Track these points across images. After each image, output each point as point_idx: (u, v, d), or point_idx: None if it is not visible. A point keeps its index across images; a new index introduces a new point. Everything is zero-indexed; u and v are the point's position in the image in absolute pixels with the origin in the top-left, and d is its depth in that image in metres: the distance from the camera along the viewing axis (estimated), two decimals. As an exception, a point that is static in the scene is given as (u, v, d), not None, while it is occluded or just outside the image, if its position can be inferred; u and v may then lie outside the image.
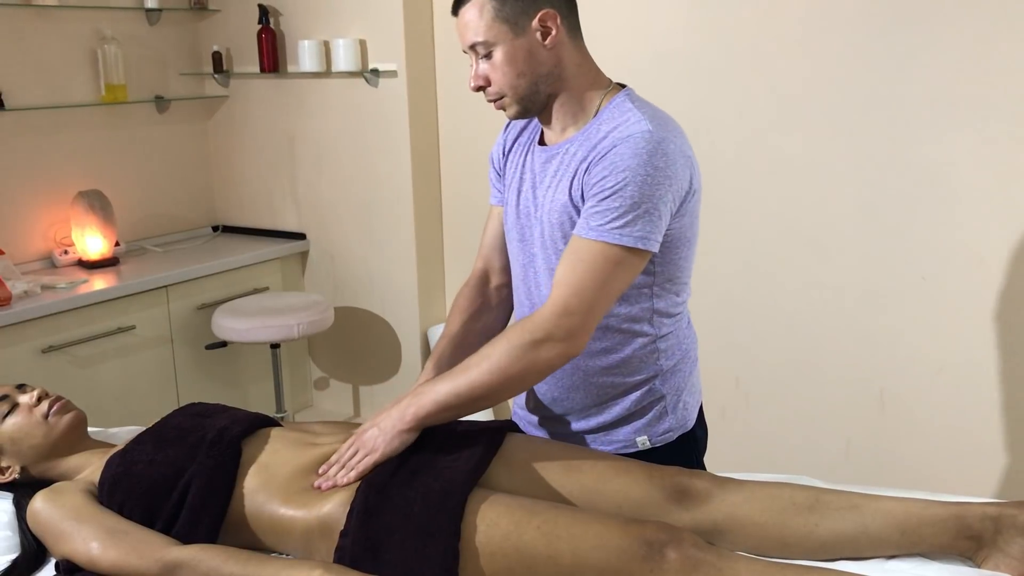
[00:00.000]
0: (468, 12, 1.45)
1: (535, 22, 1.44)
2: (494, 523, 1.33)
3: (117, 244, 3.34)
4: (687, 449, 1.63)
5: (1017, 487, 2.55)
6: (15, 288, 2.84)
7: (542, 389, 1.65)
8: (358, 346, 3.67)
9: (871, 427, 2.74)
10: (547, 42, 1.45)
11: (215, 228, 3.88)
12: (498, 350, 1.42)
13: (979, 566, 1.35)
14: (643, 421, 1.59)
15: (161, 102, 3.59)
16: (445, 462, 1.45)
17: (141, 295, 3.12)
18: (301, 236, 3.69)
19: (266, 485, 1.49)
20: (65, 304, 2.87)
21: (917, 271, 2.59)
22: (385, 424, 1.47)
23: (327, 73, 3.42)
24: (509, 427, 1.58)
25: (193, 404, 1.75)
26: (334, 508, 1.40)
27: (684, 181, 1.43)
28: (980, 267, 2.50)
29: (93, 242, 3.24)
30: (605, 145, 1.42)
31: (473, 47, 1.47)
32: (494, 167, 1.70)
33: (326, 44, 3.38)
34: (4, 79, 3.08)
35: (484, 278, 1.76)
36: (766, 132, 2.74)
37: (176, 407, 1.75)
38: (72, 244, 3.29)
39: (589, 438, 1.62)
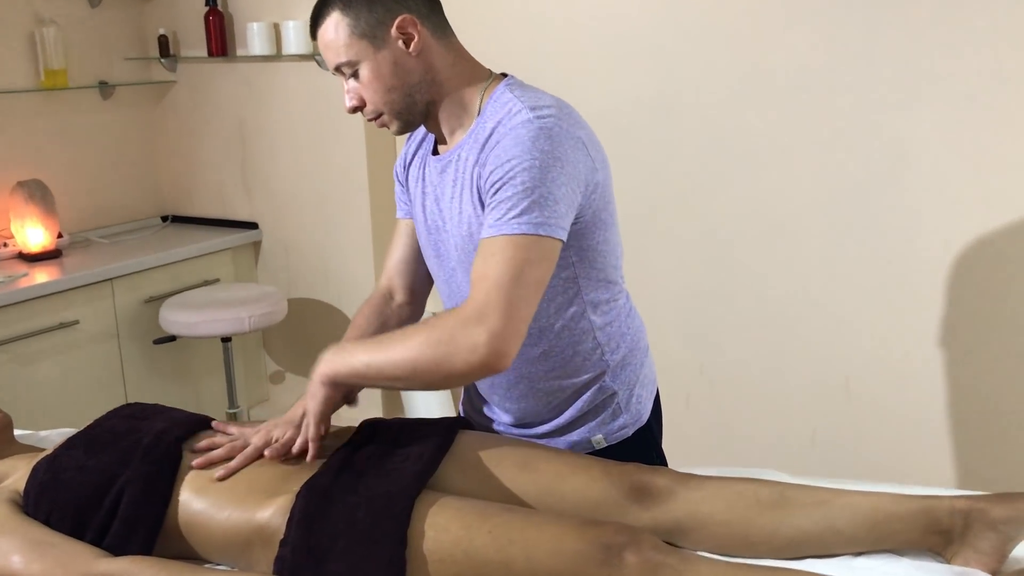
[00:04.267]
0: (325, 34, 1.39)
1: (393, 31, 1.37)
2: (444, 528, 1.26)
3: (60, 236, 3.22)
4: (644, 443, 1.57)
5: (982, 474, 2.54)
6: (-51, 283, 2.72)
7: (494, 400, 1.58)
8: (314, 338, 3.58)
9: (837, 415, 2.71)
10: (411, 49, 1.38)
11: (164, 218, 3.77)
12: (419, 334, 1.33)
13: (948, 561, 1.31)
14: (597, 421, 1.53)
15: (105, 88, 3.46)
16: (392, 463, 1.38)
17: (85, 288, 3.00)
18: (253, 226, 3.59)
19: (204, 492, 1.40)
20: (4, 299, 2.75)
21: (883, 257, 2.56)
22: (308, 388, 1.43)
23: (277, 56, 3.32)
24: (461, 424, 1.51)
25: (129, 405, 1.65)
26: (274, 515, 1.33)
27: (579, 163, 1.35)
28: (946, 253, 2.48)
29: (34, 234, 3.12)
30: (491, 142, 1.36)
31: (339, 68, 1.41)
32: (398, 180, 1.63)
33: (276, 26, 3.28)
34: (-65, 64, 2.95)
35: (387, 296, 1.69)
36: (727, 117, 2.69)
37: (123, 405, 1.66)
38: (11, 236, 3.16)
39: (544, 441, 1.55)
